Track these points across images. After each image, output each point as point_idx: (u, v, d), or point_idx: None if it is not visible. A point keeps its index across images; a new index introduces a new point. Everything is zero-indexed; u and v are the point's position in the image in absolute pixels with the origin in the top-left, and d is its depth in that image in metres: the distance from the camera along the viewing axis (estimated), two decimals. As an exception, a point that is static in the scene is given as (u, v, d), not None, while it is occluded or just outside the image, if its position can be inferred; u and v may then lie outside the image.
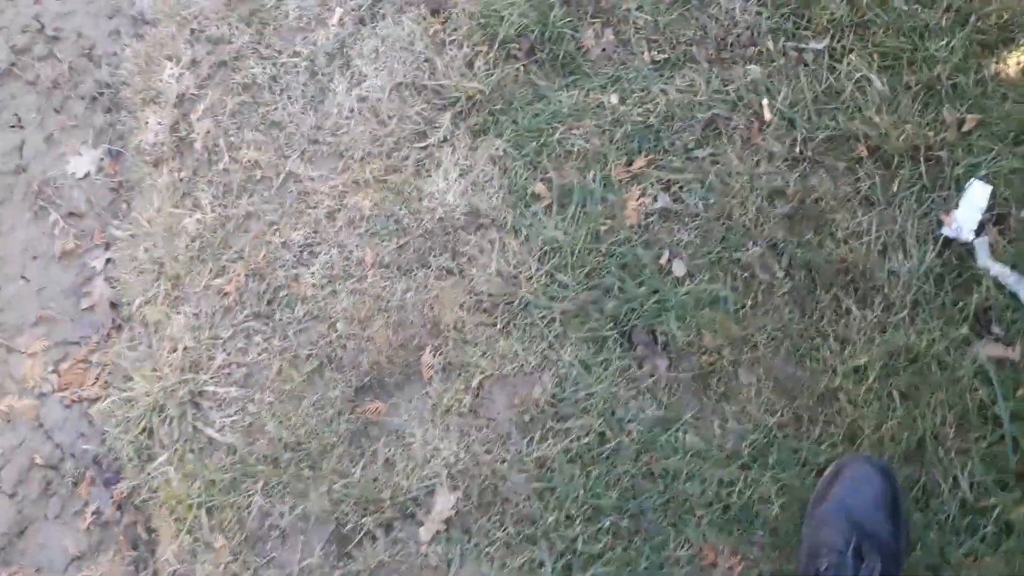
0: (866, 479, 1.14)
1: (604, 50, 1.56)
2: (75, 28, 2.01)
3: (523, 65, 1.56)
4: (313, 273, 1.48)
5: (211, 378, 1.46)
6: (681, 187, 1.42)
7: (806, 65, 1.44)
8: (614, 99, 1.51)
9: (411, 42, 1.62)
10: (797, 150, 1.39)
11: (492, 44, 1.58)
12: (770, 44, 1.47)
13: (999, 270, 1.22)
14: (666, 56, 1.51)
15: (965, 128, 1.33)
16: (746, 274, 1.34)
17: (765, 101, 1.43)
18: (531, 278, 1.40)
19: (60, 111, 1.94)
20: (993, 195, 1.27)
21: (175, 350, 1.51)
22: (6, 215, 1.86)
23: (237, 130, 1.62)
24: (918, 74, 1.37)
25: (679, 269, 1.37)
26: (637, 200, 1.43)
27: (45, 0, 2.03)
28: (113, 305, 1.73)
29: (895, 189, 1.33)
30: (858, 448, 1.21)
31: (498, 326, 1.39)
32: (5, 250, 1.83)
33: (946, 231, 1.28)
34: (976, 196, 1.27)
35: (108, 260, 1.76)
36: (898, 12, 1.41)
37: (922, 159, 1.33)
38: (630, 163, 1.46)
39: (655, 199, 1.42)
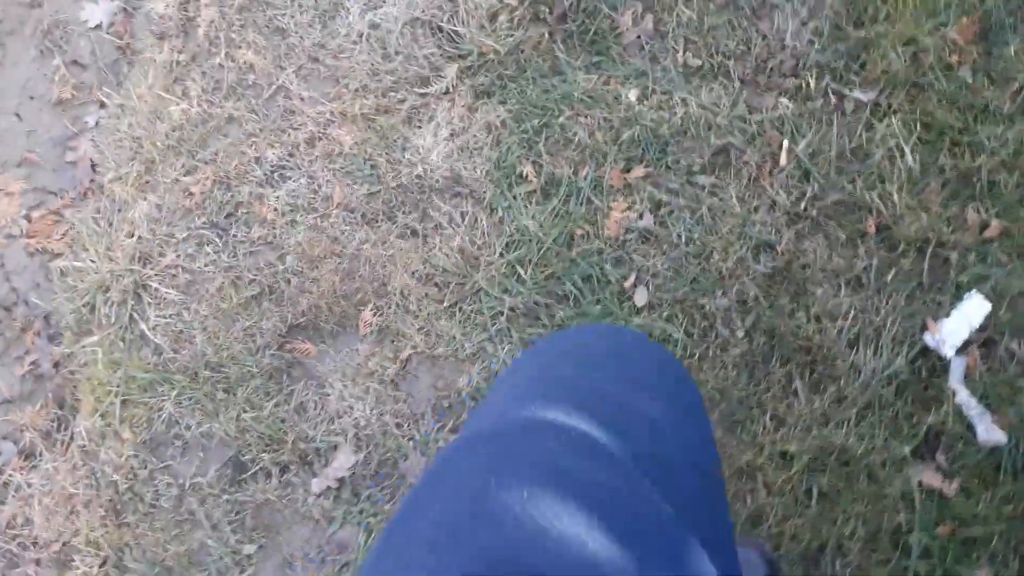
0: (752, 567, 1.05)
1: (639, 37, 1.37)
2: None
3: (548, 32, 1.39)
4: (278, 197, 1.37)
5: (156, 275, 1.38)
6: (671, 211, 1.27)
7: (843, 114, 1.26)
8: (633, 95, 1.34)
9: (441, -25, 1.44)
10: (802, 206, 1.22)
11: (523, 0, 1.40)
12: (812, 80, 1.27)
13: (966, 398, 1.08)
14: (700, 63, 1.33)
15: (986, 233, 1.15)
16: (706, 323, 1.21)
17: (786, 143, 1.25)
18: (491, 264, 1.28)
19: (87, -50, 1.79)
20: (990, 315, 1.11)
21: (131, 235, 1.43)
22: (12, 47, 1.75)
23: (241, 27, 1.48)
24: (957, 159, 1.19)
25: (640, 298, 1.24)
26: (622, 212, 1.29)
27: None
28: (94, 166, 1.64)
29: (890, 278, 1.17)
30: (758, 533, 1.11)
31: (444, 304, 1.28)
32: (5, 82, 1.73)
33: (928, 339, 1.13)
34: (972, 310, 1.12)
35: (98, 120, 1.66)
36: (960, 84, 1.21)
37: (929, 253, 1.17)
38: (628, 169, 1.31)
39: (640, 216, 1.28)
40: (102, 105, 1.65)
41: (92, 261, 1.43)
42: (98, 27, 1.74)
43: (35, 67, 1.74)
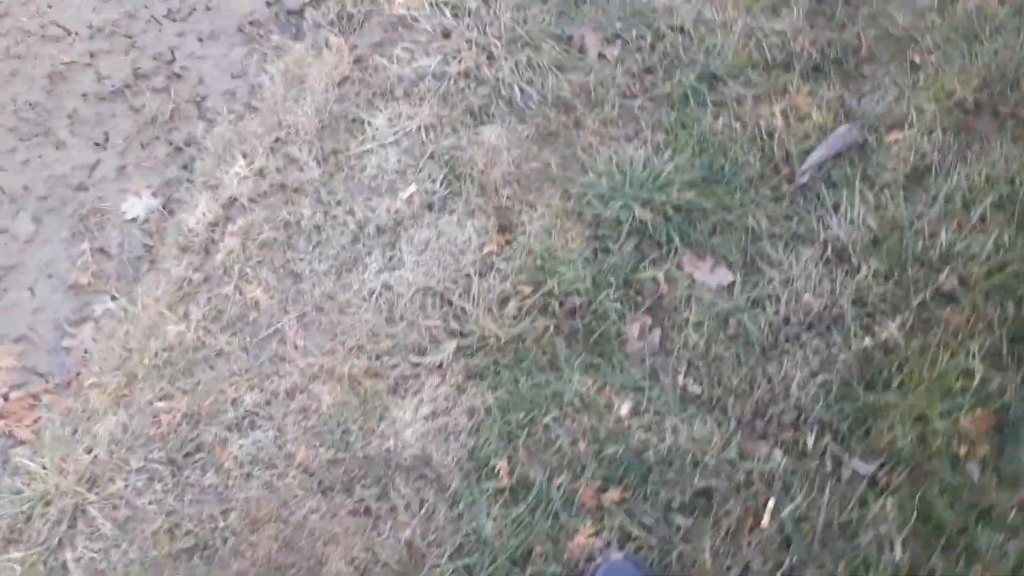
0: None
1: (643, 350, 1.45)
2: (200, 73, 2.12)
3: (555, 325, 1.49)
4: (241, 446, 1.45)
5: (99, 501, 1.44)
6: (640, 548, 1.28)
7: (838, 481, 1.28)
8: (625, 409, 1.40)
9: (462, 251, 1.58)
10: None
11: (536, 290, 1.52)
12: (811, 438, 1.32)
13: None
14: (699, 391, 1.39)
15: (979, 660, 1.12)
16: None
17: (771, 502, 1.27)
18: (437, 567, 1.30)
19: (145, 147, 2.04)
20: None
21: (90, 451, 1.51)
22: (48, 225, 1.95)
23: (257, 263, 1.64)
24: (950, 563, 1.19)
25: (587, 646, 1.22)
26: (588, 536, 1.30)
27: (188, 36, 2.16)
28: (85, 356, 1.76)
29: None
30: None
31: (377, 604, 1.28)
32: (30, 257, 1.91)
33: None
34: None
35: (104, 313, 1.80)
36: (966, 480, 1.23)
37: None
38: (604, 489, 1.34)
39: (608, 545, 1.29)
40: (113, 298, 1.80)
41: (44, 468, 1.50)
42: (134, 220, 1.94)
43: (63, 248, 1.93)
